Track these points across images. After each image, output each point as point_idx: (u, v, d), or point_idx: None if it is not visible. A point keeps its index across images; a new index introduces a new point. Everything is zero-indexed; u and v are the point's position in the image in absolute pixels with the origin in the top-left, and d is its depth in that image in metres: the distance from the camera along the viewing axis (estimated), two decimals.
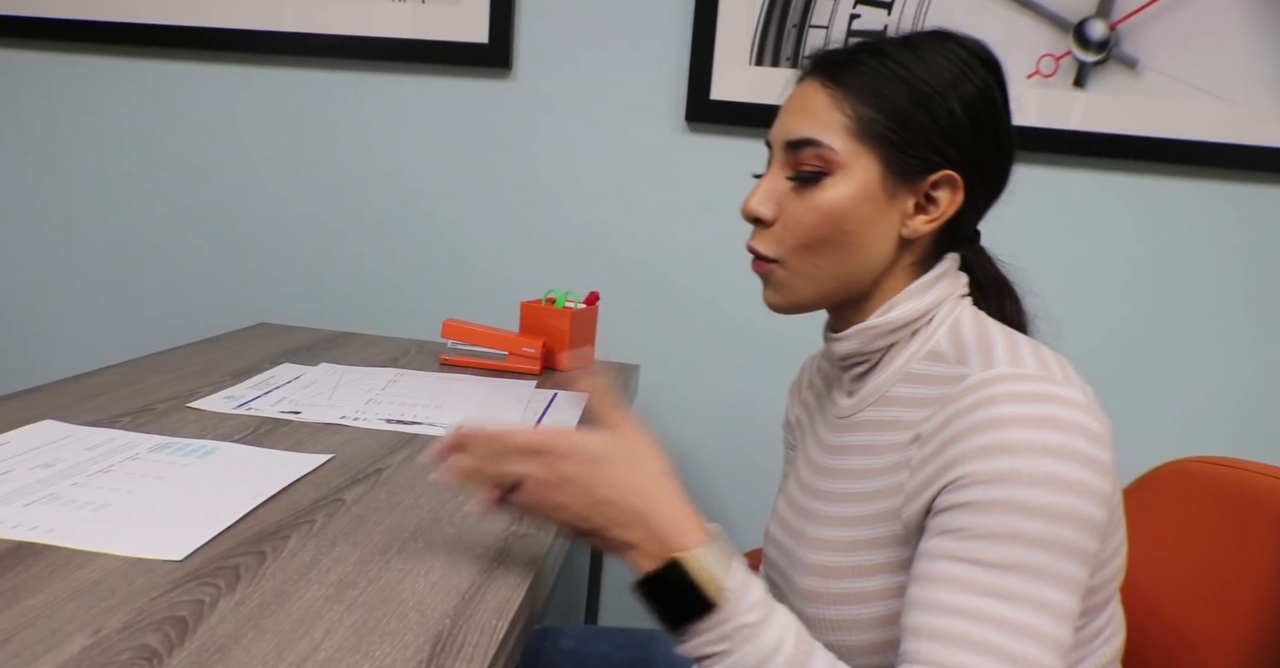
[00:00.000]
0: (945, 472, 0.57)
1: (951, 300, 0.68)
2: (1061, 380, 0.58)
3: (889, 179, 0.65)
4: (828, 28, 1.39)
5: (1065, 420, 0.55)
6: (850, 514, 0.66)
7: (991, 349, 0.62)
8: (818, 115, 0.65)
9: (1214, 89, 1.32)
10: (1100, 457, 0.55)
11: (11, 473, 0.74)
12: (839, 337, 0.71)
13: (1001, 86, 0.67)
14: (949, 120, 0.64)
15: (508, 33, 1.46)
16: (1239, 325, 1.40)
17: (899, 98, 0.64)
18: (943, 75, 0.64)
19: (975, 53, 0.66)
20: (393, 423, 0.97)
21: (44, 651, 0.49)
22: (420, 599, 0.59)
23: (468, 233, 1.56)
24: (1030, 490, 0.53)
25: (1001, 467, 0.54)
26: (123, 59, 1.59)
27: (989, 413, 0.56)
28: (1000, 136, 0.67)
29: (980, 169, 0.66)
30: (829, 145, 0.64)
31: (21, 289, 1.70)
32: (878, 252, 0.67)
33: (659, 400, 1.55)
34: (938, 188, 0.66)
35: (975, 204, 0.68)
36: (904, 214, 0.66)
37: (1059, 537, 0.53)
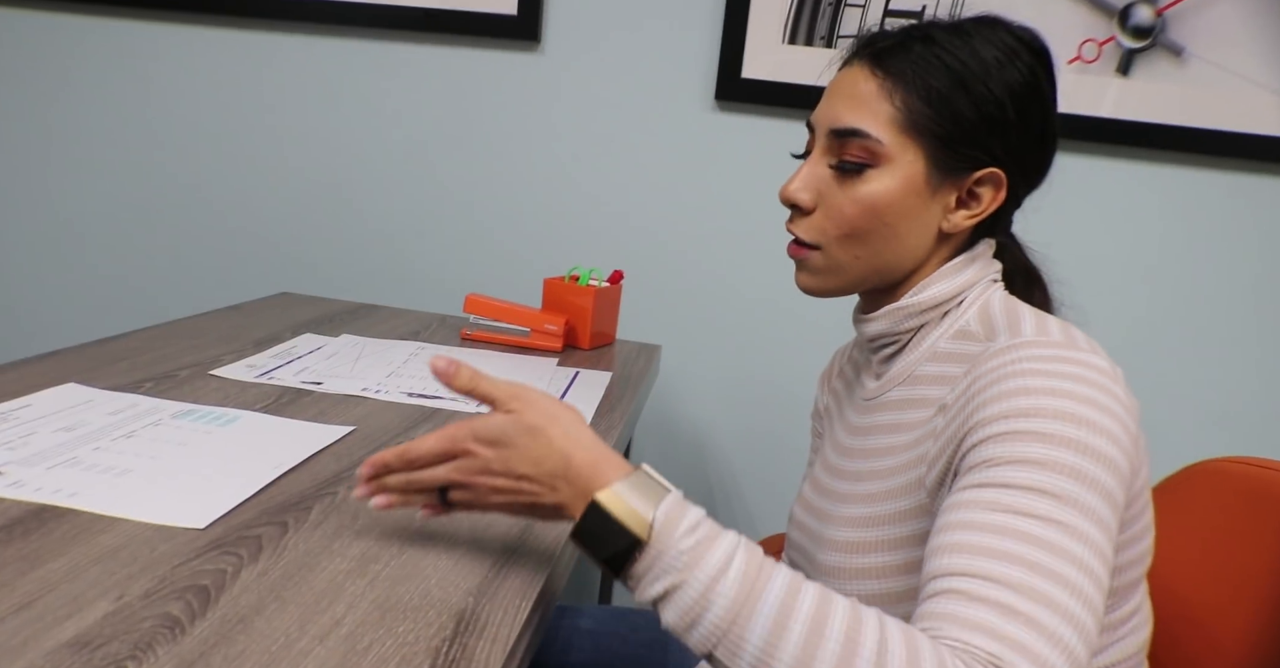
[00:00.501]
0: (966, 425, 0.57)
1: (983, 283, 0.68)
2: (1088, 350, 0.57)
3: (934, 174, 0.64)
4: (864, 6, 1.36)
5: (1089, 378, 0.55)
6: (875, 491, 0.65)
7: (1020, 325, 0.61)
8: (866, 105, 0.64)
9: (1263, 80, 1.29)
10: (1126, 417, 0.55)
11: (34, 436, 0.73)
12: (869, 317, 0.70)
13: (1050, 77, 0.67)
14: (998, 116, 0.63)
15: (537, 5, 1.44)
16: (1273, 324, 1.37)
17: (948, 91, 0.63)
18: (992, 67, 0.63)
19: (1026, 42, 0.65)
20: (414, 397, 0.96)
21: (66, 615, 0.49)
22: (443, 576, 0.58)
23: (492, 207, 1.54)
24: (1055, 422, 0.53)
25: (1024, 404, 0.54)
26: (149, 23, 1.58)
27: (1011, 369, 0.56)
28: (1046, 131, 0.66)
29: (1023, 165, 0.66)
30: (876, 138, 0.63)
31: (46, 254, 1.70)
32: (916, 244, 0.66)
33: (680, 381, 1.54)
34: (981, 184, 0.65)
35: (1018, 199, 0.69)
36: (945, 208, 0.66)
37: (1087, 471, 0.51)
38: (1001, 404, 0.55)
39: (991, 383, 0.56)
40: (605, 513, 0.51)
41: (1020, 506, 0.50)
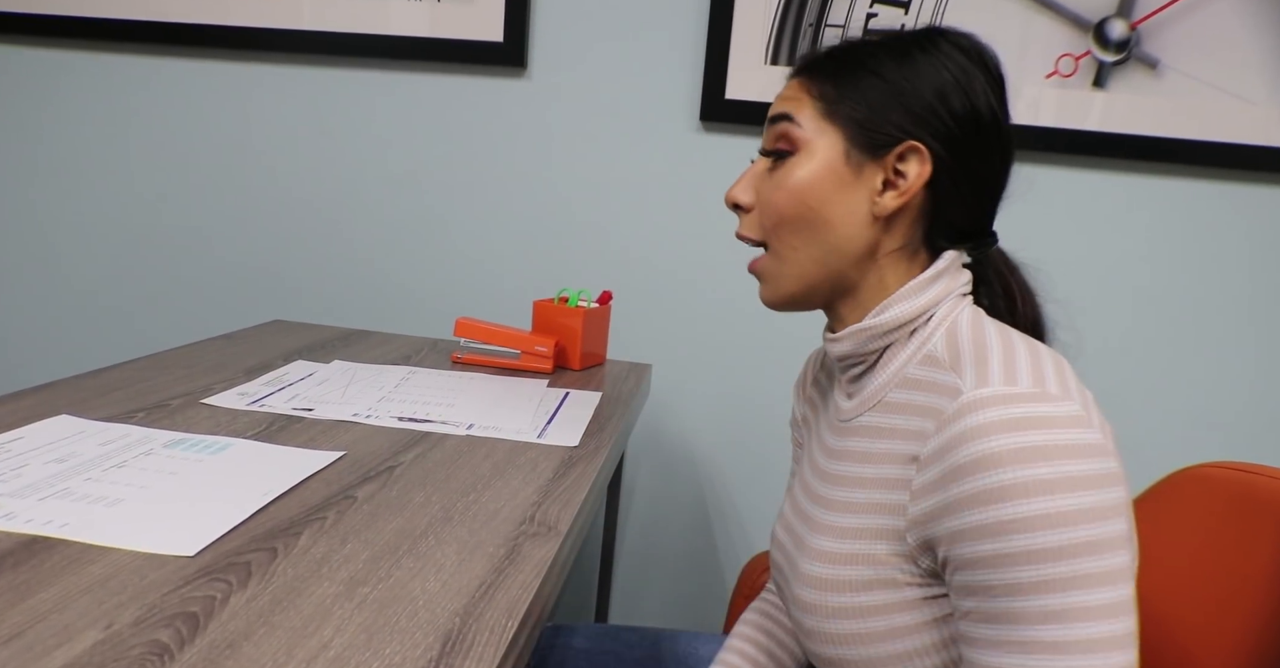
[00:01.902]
0: (949, 515, 0.56)
1: (951, 299, 0.68)
2: (1057, 394, 0.56)
3: (853, 153, 0.66)
4: (844, 27, 1.38)
5: (1060, 446, 0.54)
6: (847, 525, 0.65)
7: (986, 358, 0.61)
8: (791, 99, 0.69)
9: (1236, 90, 1.31)
10: (1103, 469, 0.54)
11: (26, 467, 0.74)
12: (835, 338, 0.70)
13: (988, 71, 0.67)
14: (913, 96, 0.65)
15: (523, 31, 1.46)
16: (1260, 329, 1.38)
17: (868, 82, 0.66)
18: (916, 61, 0.66)
19: (952, 40, 0.67)
20: (405, 421, 0.97)
21: (56, 645, 0.50)
22: (431, 598, 0.59)
23: (481, 231, 1.56)
24: (1039, 536, 0.53)
25: (1004, 515, 0.53)
26: (138, 57, 1.60)
27: (983, 448, 0.55)
28: (977, 117, 0.66)
29: (953, 146, 0.66)
30: (796, 120, 0.67)
31: (36, 286, 1.71)
32: (850, 233, 0.67)
33: (671, 400, 1.54)
34: (904, 161, 0.65)
35: (958, 190, 0.67)
36: (873, 190, 0.66)
37: (1082, 570, 0.53)
38: (981, 513, 0.54)
39: (964, 469, 0.56)
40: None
41: (1039, 639, 0.53)
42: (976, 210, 0.69)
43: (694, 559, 1.61)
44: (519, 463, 0.87)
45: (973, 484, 0.55)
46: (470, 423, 0.98)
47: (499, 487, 0.80)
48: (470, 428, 0.96)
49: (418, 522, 0.71)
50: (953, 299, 0.68)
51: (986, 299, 0.71)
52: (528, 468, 0.86)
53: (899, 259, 0.68)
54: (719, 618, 1.62)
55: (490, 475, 0.83)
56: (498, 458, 0.88)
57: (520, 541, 0.69)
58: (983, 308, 0.70)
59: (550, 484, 0.82)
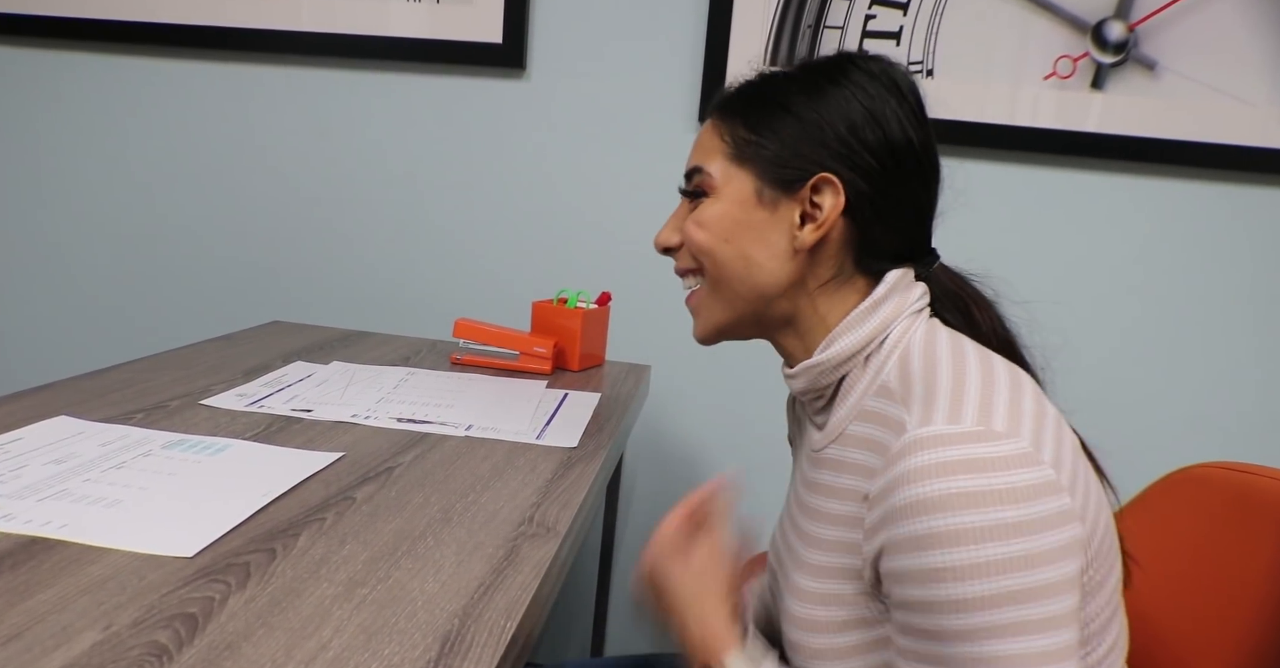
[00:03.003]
0: (886, 556, 0.57)
1: (905, 318, 0.66)
2: (1002, 430, 0.55)
3: (766, 191, 0.66)
4: (843, 29, 1.38)
5: (995, 491, 0.53)
6: (817, 562, 0.65)
7: (934, 391, 0.59)
8: (706, 147, 0.70)
9: (1234, 91, 1.31)
10: (1046, 510, 0.53)
11: (25, 468, 0.74)
12: (791, 374, 0.70)
13: (901, 96, 0.67)
14: (824, 129, 0.65)
15: (522, 33, 1.46)
16: (1259, 330, 1.38)
17: (772, 115, 0.66)
18: (820, 88, 0.66)
19: (863, 68, 0.67)
20: (404, 422, 0.97)
21: (55, 646, 0.50)
22: (429, 599, 0.59)
23: (480, 232, 1.56)
24: (963, 585, 0.52)
25: (932, 562, 0.53)
26: (138, 58, 1.60)
27: (916, 492, 0.54)
28: (891, 144, 0.66)
29: (869, 174, 0.65)
30: (707, 171, 0.69)
31: (36, 287, 1.71)
32: (773, 267, 0.67)
33: (669, 401, 1.54)
34: (819, 193, 0.65)
35: (880, 216, 0.66)
36: (791, 225, 0.66)
37: (1012, 617, 0.52)
38: (910, 559, 0.54)
39: (900, 511, 0.55)
40: None
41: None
42: (907, 234, 0.68)
43: None
44: (518, 464, 0.87)
45: (906, 528, 0.55)
46: (469, 424, 0.98)
47: (498, 488, 0.80)
48: (469, 429, 0.96)
49: (416, 523, 0.71)
50: (907, 318, 0.66)
51: (946, 315, 0.69)
52: (526, 469, 0.86)
53: (833, 289, 0.68)
54: None
55: (489, 477, 0.83)
56: (496, 459, 0.88)
57: (519, 541, 0.69)
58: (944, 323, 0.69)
59: (549, 485, 0.82)
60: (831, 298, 0.68)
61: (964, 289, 0.70)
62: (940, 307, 0.70)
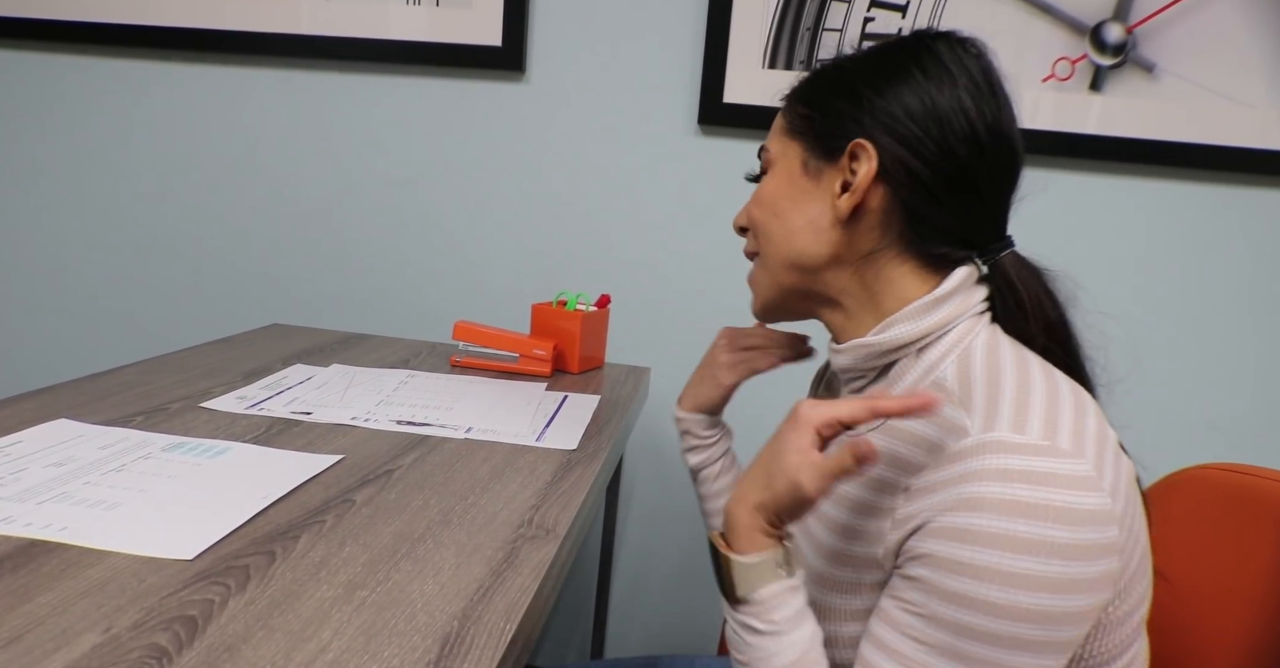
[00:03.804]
0: (914, 536, 0.56)
1: (967, 320, 0.64)
2: (1068, 449, 0.54)
3: (811, 162, 0.67)
4: (841, 31, 1.38)
5: (1053, 508, 0.52)
6: (833, 547, 0.65)
7: (999, 396, 0.57)
8: (772, 127, 0.73)
9: (1232, 93, 1.31)
10: (1094, 540, 0.52)
11: (25, 471, 0.74)
12: (837, 349, 0.70)
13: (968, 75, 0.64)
14: (869, 99, 0.65)
15: (521, 36, 1.46)
16: (1258, 331, 1.38)
17: (822, 88, 0.68)
18: (870, 58, 0.67)
19: (928, 43, 0.66)
20: (403, 424, 0.97)
21: (55, 648, 0.50)
22: (428, 601, 0.59)
23: (480, 235, 1.56)
24: (980, 585, 0.52)
25: (962, 556, 0.53)
26: (138, 62, 1.60)
27: (972, 491, 0.53)
28: (940, 115, 0.63)
29: (912, 145, 0.62)
30: (766, 147, 0.72)
31: (36, 290, 1.71)
32: (815, 237, 0.67)
33: (669, 404, 1.54)
34: (855, 160, 0.64)
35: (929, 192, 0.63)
36: (833, 195, 0.66)
37: (1007, 632, 0.52)
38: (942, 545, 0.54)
39: (948, 505, 0.54)
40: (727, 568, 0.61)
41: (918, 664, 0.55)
42: (968, 216, 0.64)
43: (692, 562, 1.61)
44: (517, 466, 0.87)
45: (951, 519, 0.54)
46: (469, 426, 0.98)
47: (497, 490, 0.80)
48: (469, 431, 0.96)
49: (416, 525, 0.71)
50: (968, 320, 0.64)
51: (1000, 311, 0.66)
52: (526, 471, 0.86)
53: (879, 265, 0.65)
54: (717, 623, 1.62)
55: (489, 479, 0.83)
56: (496, 461, 0.88)
57: (519, 543, 0.69)
58: (995, 320, 0.66)
59: (549, 487, 0.82)
60: (879, 276, 0.66)
61: (1034, 282, 0.67)
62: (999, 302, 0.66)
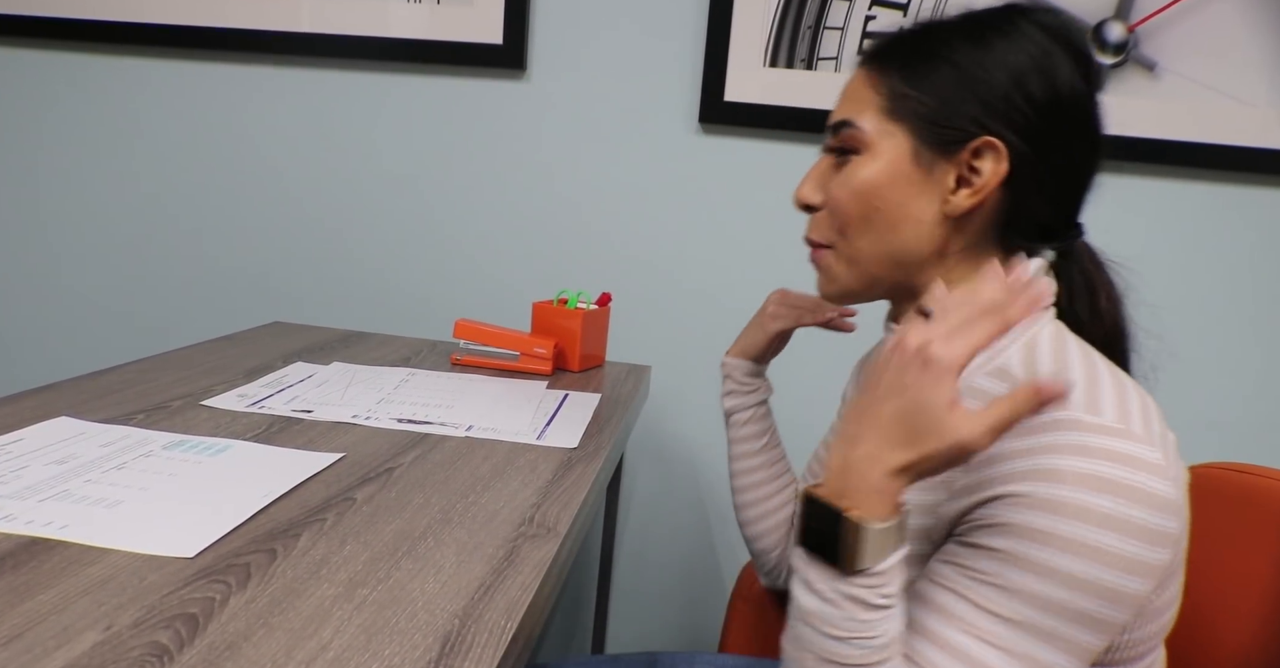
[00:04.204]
0: (986, 505, 0.55)
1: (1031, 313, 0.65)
2: (1142, 436, 0.53)
3: (923, 153, 0.62)
4: (843, 30, 1.38)
5: (1133, 488, 0.51)
6: None
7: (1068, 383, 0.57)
8: (857, 98, 0.65)
9: (1235, 92, 1.31)
10: (1164, 527, 0.52)
11: (26, 469, 0.74)
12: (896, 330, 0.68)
13: (1074, 54, 0.61)
14: (988, 87, 0.60)
15: (522, 34, 1.46)
16: (1259, 330, 1.38)
17: (936, 70, 0.61)
18: (990, 44, 0.61)
19: (1032, 18, 0.62)
20: (404, 422, 0.97)
21: (55, 646, 0.50)
22: (429, 599, 0.59)
23: (480, 233, 1.56)
24: (1061, 556, 0.51)
25: (1039, 523, 0.52)
26: (137, 59, 1.60)
27: (1051, 462, 0.52)
28: (1059, 103, 0.60)
29: (1033, 137, 0.60)
30: (859, 125, 0.64)
31: (36, 288, 1.71)
32: (919, 232, 0.63)
33: (670, 402, 1.54)
34: (979, 157, 0.61)
35: (1039, 184, 0.62)
36: (945, 190, 0.62)
37: (1080, 606, 0.52)
38: (1018, 512, 0.52)
39: (1022, 474, 0.53)
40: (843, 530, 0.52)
41: (993, 635, 0.53)
42: (1060, 204, 0.64)
43: (693, 561, 1.61)
44: (518, 464, 0.87)
45: (1029, 487, 0.53)
46: (469, 425, 0.98)
47: (498, 488, 0.80)
48: (469, 429, 0.97)
49: (417, 523, 0.71)
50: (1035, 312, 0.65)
51: (1066, 300, 0.66)
52: (527, 469, 0.86)
53: (969, 259, 0.65)
54: (718, 621, 1.62)
55: (489, 477, 0.83)
56: (497, 459, 0.88)
57: (519, 542, 0.69)
58: (1059, 309, 0.66)
59: (549, 486, 0.82)
60: (962, 267, 0.65)
61: (1099, 274, 0.67)
62: (1065, 291, 0.66)
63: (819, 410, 1.49)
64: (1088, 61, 0.63)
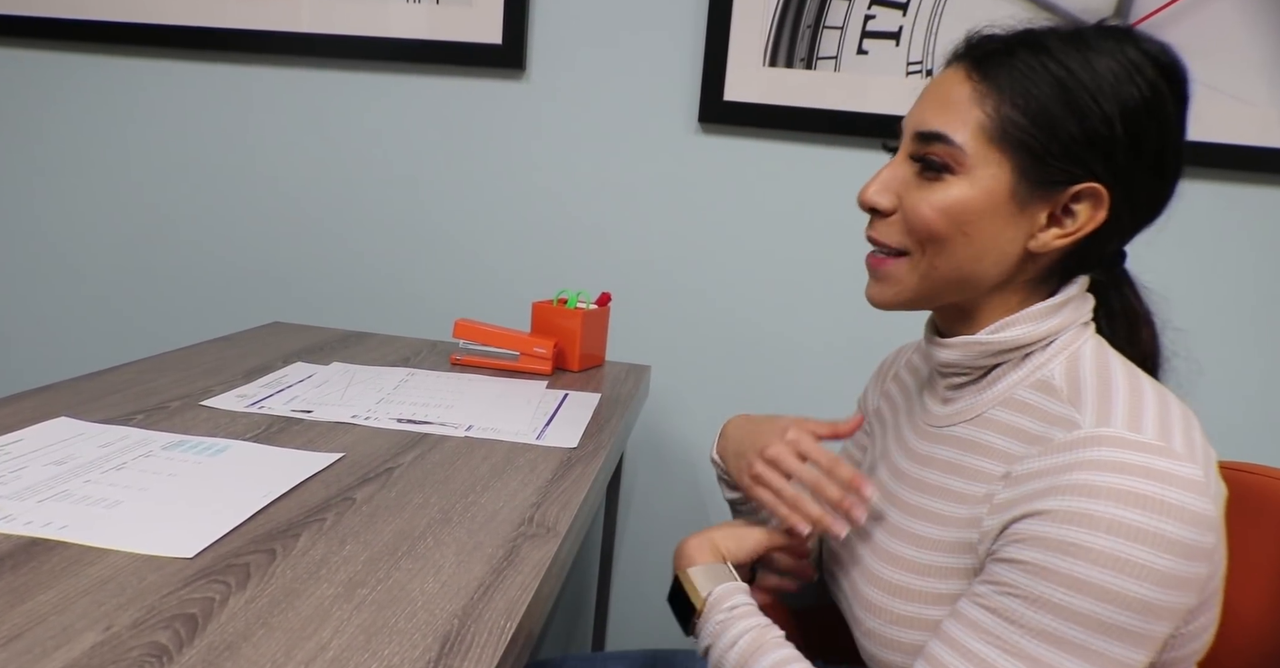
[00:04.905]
0: (1018, 521, 0.55)
1: (1075, 329, 0.64)
2: (1182, 454, 0.53)
3: (1021, 187, 0.60)
4: (842, 29, 1.38)
5: (1168, 504, 0.51)
6: (925, 534, 0.64)
7: (1111, 397, 0.57)
8: (956, 109, 0.61)
9: (1235, 91, 1.31)
10: (1199, 541, 0.52)
11: (25, 470, 0.74)
12: (944, 343, 0.67)
13: (1179, 98, 0.60)
14: (1103, 130, 0.58)
15: (521, 33, 1.46)
16: (1259, 330, 1.38)
17: (1048, 100, 0.58)
18: (1104, 79, 0.58)
19: (1153, 57, 0.59)
20: (404, 422, 0.97)
21: (55, 647, 0.50)
22: (429, 599, 0.59)
23: (480, 233, 1.56)
24: (1093, 569, 0.51)
25: (1072, 536, 0.52)
26: (138, 59, 1.60)
27: (1087, 478, 0.53)
28: (1164, 155, 0.60)
29: (1131, 188, 0.60)
30: (959, 144, 0.60)
31: (35, 289, 1.71)
32: (998, 260, 0.62)
33: (669, 402, 1.54)
34: (1078, 201, 0.60)
35: (1120, 225, 0.62)
36: (1035, 225, 0.61)
37: (1111, 619, 0.52)
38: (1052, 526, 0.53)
39: (1058, 489, 0.53)
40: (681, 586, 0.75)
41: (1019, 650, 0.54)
42: (1127, 240, 0.64)
43: None
44: (518, 464, 0.87)
45: (1063, 502, 0.53)
46: (469, 424, 0.98)
47: (498, 488, 0.80)
48: (469, 429, 0.96)
49: (416, 523, 0.71)
50: (1076, 328, 0.64)
51: (1105, 321, 0.67)
52: (526, 469, 0.86)
53: (1029, 285, 0.65)
54: None
55: (489, 477, 0.83)
56: (496, 459, 0.88)
57: (519, 542, 0.69)
58: (1101, 330, 0.67)
59: (549, 485, 0.82)
60: (1021, 294, 0.64)
61: (1137, 300, 0.67)
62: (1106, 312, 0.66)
63: (823, 414, 1.49)
64: (1187, 101, 0.61)
